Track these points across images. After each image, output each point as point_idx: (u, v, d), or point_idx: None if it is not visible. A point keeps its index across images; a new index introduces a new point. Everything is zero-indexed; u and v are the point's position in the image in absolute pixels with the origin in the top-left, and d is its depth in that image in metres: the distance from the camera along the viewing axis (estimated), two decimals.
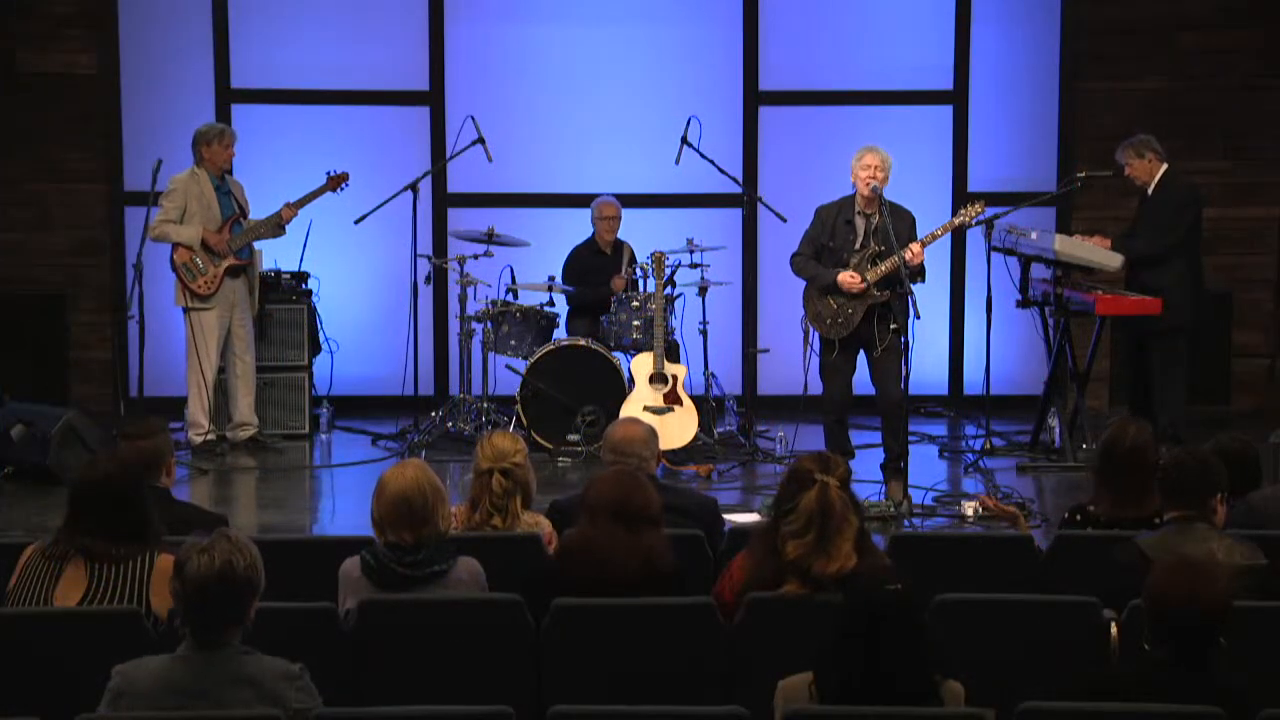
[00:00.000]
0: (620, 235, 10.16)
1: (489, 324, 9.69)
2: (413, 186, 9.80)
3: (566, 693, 4.69)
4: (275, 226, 9.62)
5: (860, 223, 8.44)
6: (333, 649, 4.74)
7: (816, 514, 4.72)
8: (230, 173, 9.64)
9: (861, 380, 8.57)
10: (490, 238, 9.82)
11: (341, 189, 9.73)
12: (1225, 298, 10.74)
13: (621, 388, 9.35)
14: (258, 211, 9.67)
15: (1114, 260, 9.07)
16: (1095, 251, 9.09)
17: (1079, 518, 5.67)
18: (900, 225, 8.35)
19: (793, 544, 4.74)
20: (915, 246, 8.26)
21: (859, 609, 4.05)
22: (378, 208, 9.82)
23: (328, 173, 9.71)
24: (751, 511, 7.94)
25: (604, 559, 4.94)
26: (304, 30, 10.73)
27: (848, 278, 8.28)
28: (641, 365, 9.26)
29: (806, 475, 4.80)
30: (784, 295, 9.93)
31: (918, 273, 8.38)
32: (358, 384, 10.60)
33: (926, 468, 9.04)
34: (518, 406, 9.43)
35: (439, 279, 10.47)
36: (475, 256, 9.83)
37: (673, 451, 9.02)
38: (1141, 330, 9.17)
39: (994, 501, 6.45)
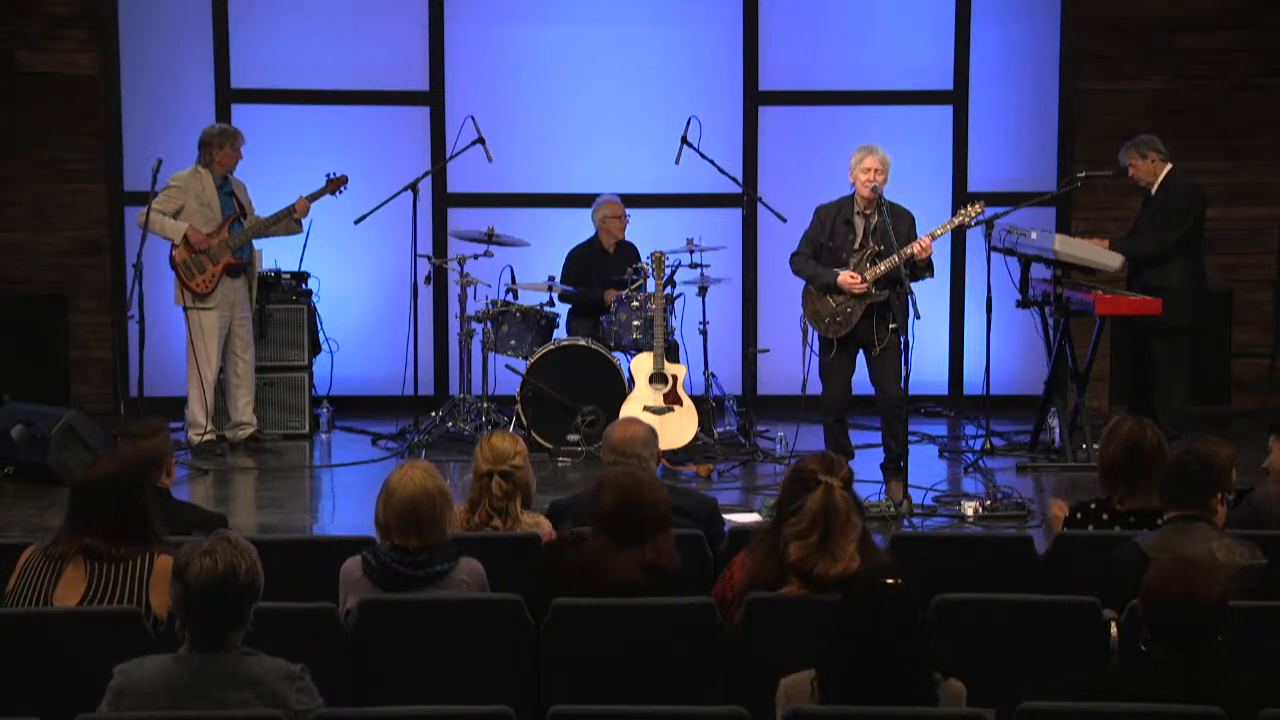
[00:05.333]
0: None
1: (489, 324, 9.69)
2: (413, 186, 9.80)
3: (566, 693, 4.69)
4: (294, 222, 9.61)
5: (859, 222, 8.44)
6: (333, 649, 4.74)
7: (821, 515, 4.71)
8: (233, 173, 9.64)
9: (861, 380, 8.57)
10: (490, 238, 9.82)
11: (340, 192, 9.73)
12: (1225, 298, 10.74)
13: (621, 388, 9.35)
14: (260, 213, 9.66)
15: (1114, 260, 9.07)
16: (1095, 251, 9.09)
17: (1093, 506, 5.67)
18: (899, 225, 8.35)
19: (796, 545, 4.73)
20: (925, 240, 8.27)
21: (858, 607, 4.05)
22: (378, 208, 9.82)
23: (327, 175, 9.71)
24: (751, 511, 7.94)
25: (603, 578, 4.92)
26: (304, 30, 10.73)
27: (848, 277, 8.28)
28: (641, 365, 9.26)
29: (810, 476, 4.79)
30: (784, 295, 9.93)
31: (925, 268, 8.39)
32: (358, 384, 10.60)
33: (926, 468, 9.04)
34: (518, 406, 9.43)
35: (439, 279, 10.47)
36: (475, 256, 9.83)
37: (673, 451, 9.02)
38: (1143, 330, 9.17)
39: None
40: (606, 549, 4.96)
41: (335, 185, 9.71)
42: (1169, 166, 9.19)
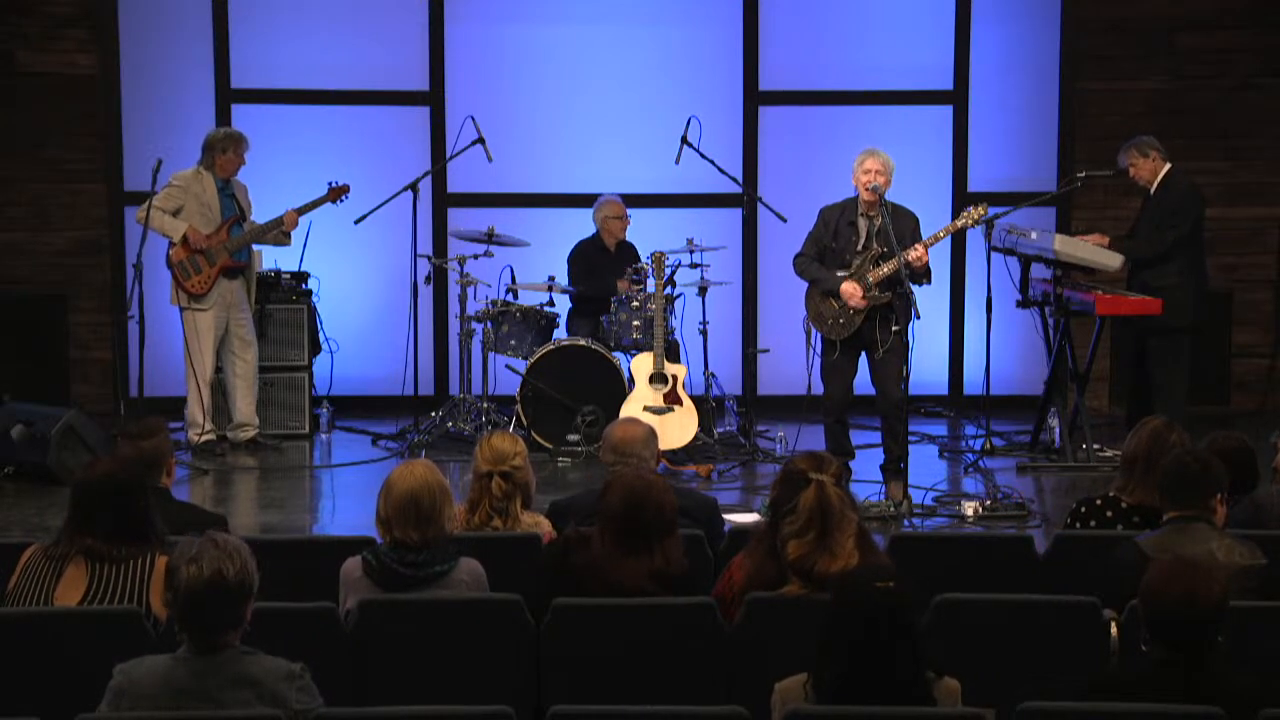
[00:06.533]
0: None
1: (489, 324, 9.69)
2: (413, 186, 9.80)
3: (566, 693, 4.69)
4: (281, 234, 9.62)
5: (863, 224, 8.43)
6: (333, 649, 4.74)
7: (817, 513, 4.71)
8: (234, 176, 9.63)
9: (862, 380, 8.56)
10: (490, 238, 9.83)
11: (342, 201, 9.73)
12: (1225, 298, 10.74)
13: (621, 388, 9.35)
14: (259, 214, 9.66)
15: (1114, 260, 9.07)
16: (1095, 251, 9.09)
17: (1099, 502, 5.67)
18: (903, 226, 8.35)
19: (794, 544, 4.73)
20: (919, 248, 8.26)
21: (849, 610, 4.04)
22: (378, 208, 9.82)
23: (329, 183, 9.71)
24: (751, 511, 7.94)
25: (608, 583, 4.92)
26: (304, 30, 10.73)
27: (850, 288, 8.27)
28: (641, 365, 9.26)
29: (800, 475, 4.79)
30: (784, 295, 9.94)
31: (923, 275, 8.38)
32: (358, 384, 10.61)
33: (926, 468, 9.04)
34: (518, 406, 9.43)
35: (439, 279, 10.47)
36: (475, 256, 9.83)
37: (673, 451, 9.02)
38: (1143, 330, 9.17)
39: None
40: (613, 554, 4.95)
41: (337, 194, 9.71)
42: (1168, 166, 9.20)
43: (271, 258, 10.16)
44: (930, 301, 9.18)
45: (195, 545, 4.05)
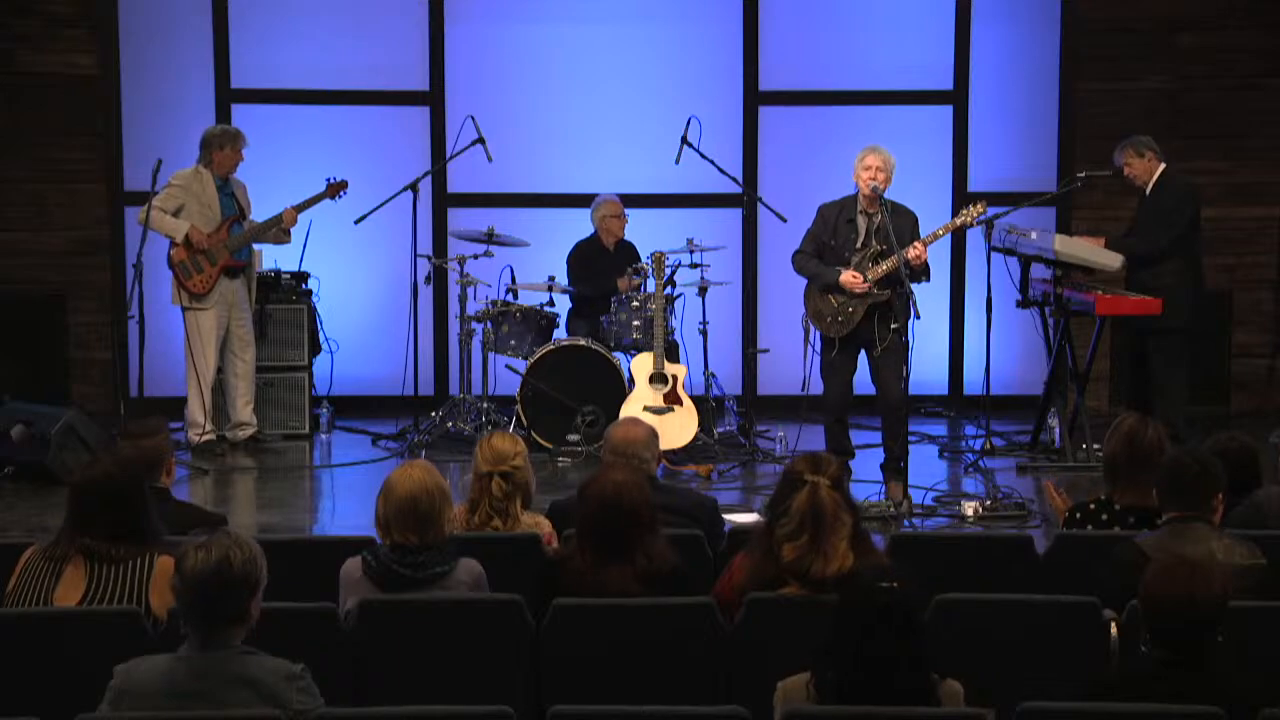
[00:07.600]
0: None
1: (489, 324, 9.70)
2: (413, 186, 9.80)
3: (566, 693, 4.69)
4: (281, 232, 9.62)
5: (862, 222, 8.43)
6: (333, 649, 4.74)
7: (808, 515, 4.71)
8: (233, 174, 9.63)
9: (862, 380, 8.56)
10: (490, 238, 9.83)
11: (340, 197, 9.73)
12: (1225, 298, 10.74)
13: (621, 388, 9.36)
14: (258, 213, 9.67)
15: (1114, 260, 9.07)
16: (1095, 251, 9.09)
17: (1093, 506, 5.67)
18: (902, 225, 8.34)
19: (788, 546, 4.74)
20: (919, 246, 8.26)
21: (854, 608, 4.04)
22: (378, 208, 9.82)
23: (328, 179, 9.71)
24: (751, 511, 7.94)
25: (600, 592, 4.91)
26: (304, 30, 10.73)
27: (850, 277, 8.28)
28: (641, 365, 9.26)
29: (797, 476, 4.80)
30: (784, 295, 9.93)
31: (922, 272, 8.38)
32: (358, 384, 10.60)
33: (926, 468, 9.04)
34: (518, 406, 9.43)
35: (439, 279, 10.47)
36: (475, 256, 9.83)
37: (673, 451, 9.02)
38: (1142, 330, 9.18)
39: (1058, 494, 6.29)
40: (595, 565, 4.94)
41: (335, 190, 9.71)
42: (1163, 165, 9.21)
43: (271, 257, 10.16)
44: (930, 301, 9.18)
45: (208, 537, 4.08)
